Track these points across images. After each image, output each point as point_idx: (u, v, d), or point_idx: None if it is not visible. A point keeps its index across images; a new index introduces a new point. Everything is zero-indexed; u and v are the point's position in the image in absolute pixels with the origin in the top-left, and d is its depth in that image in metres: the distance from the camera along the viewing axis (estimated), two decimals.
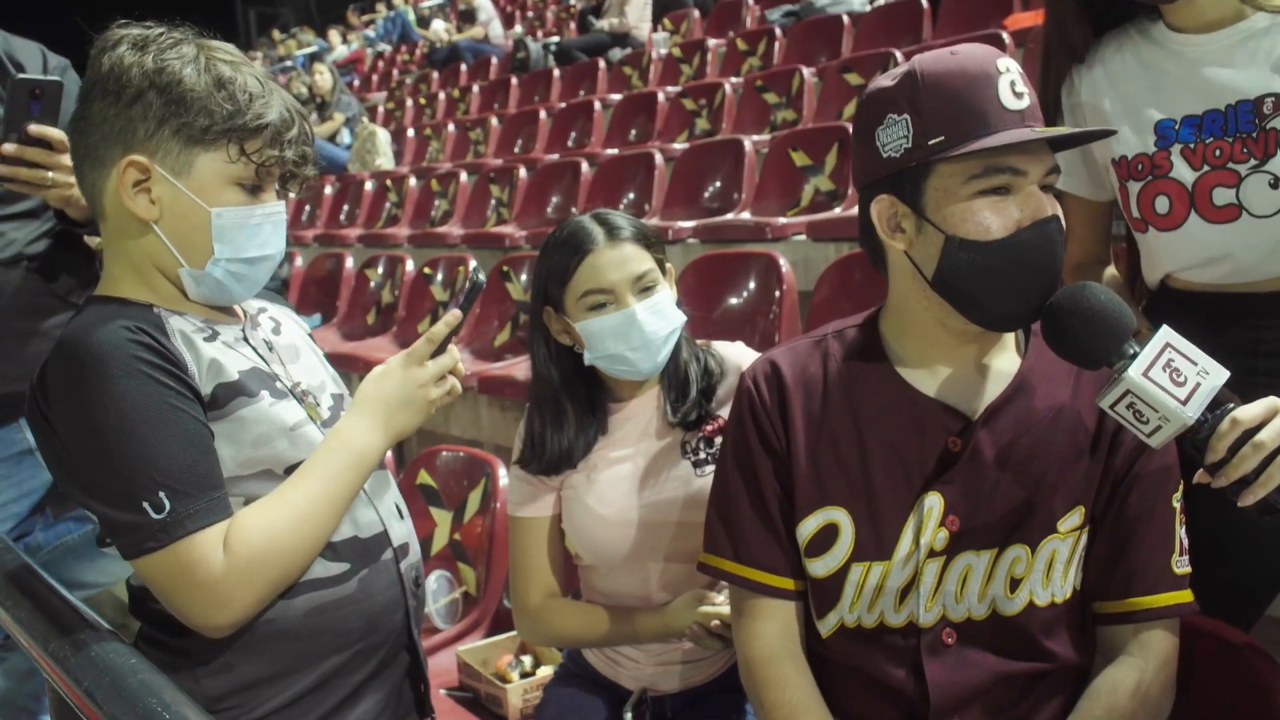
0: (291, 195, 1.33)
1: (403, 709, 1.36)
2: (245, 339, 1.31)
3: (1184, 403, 1.07)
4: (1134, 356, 1.10)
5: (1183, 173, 1.43)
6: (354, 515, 1.29)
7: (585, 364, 1.60)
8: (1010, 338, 1.29)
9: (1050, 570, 1.23)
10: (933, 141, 1.15)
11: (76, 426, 1.15)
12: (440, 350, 1.32)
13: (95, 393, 1.13)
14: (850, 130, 1.34)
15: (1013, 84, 1.16)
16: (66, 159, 1.68)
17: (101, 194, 1.25)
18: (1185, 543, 1.26)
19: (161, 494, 1.13)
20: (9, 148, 1.68)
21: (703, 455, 1.61)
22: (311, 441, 1.28)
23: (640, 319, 1.54)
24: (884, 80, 1.23)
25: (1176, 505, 1.25)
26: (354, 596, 1.27)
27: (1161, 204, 1.46)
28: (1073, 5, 1.53)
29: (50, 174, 1.71)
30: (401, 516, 1.39)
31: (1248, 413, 1.09)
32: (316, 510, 1.22)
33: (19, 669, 2.08)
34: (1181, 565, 1.25)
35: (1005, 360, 1.28)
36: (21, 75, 1.72)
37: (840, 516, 1.27)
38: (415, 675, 1.39)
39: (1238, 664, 1.28)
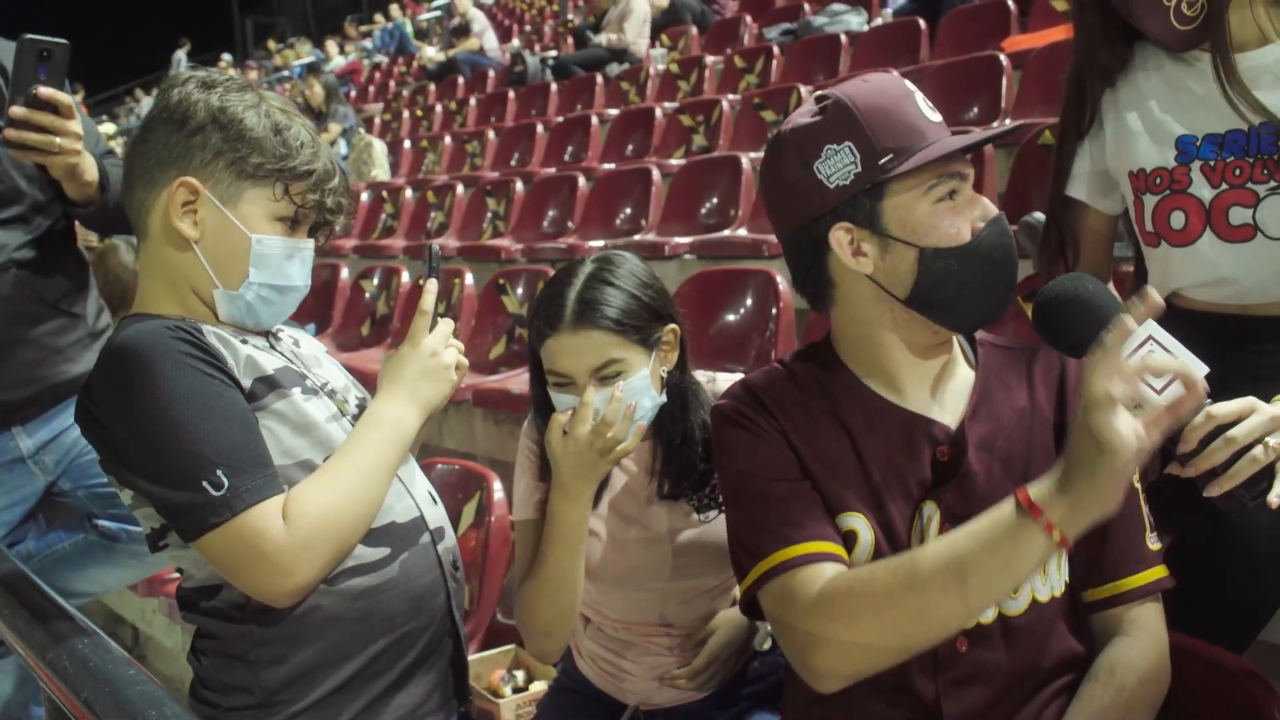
0: (319, 242, 1.43)
1: (447, 694, 1.42)
2: (271, 346, 1.39)
3: (1159, 392, 1.09)
4: None
5: (1201, 189, 1.44)
6: (389, 501, 1.34)
7: None
8: (959, 351, 1.33)
9: (1045, 565, 1.25)
10: (883, 161, 1.19)
11: (129, 419, 1.22)
12: (434, 323, 1.40)
13: (145, 386, 1.21)
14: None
15: (925, 100, 1.23)
16: (74, 125, 1.66)
17: (148, 213, 1.34)
18: (1152, 520, 1.29)
19: (219, 472, 1.19)
20: (17, 110, 1.61)
21: (704, 500, 1.56)
22: (346, 433, 1.35)
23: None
24: (801, 119, 1.25)
25: (1138, 485, 1.28)
26: (397, 580, 1.34)
27: (1177, 219, 1.47)
28: (1100, 29, 1.52)
29: (58, 139, 1.64)
30: (435, 502, 1.45)
31: (1223, 408, 1.12)
32: (363, 481, 1.29)
33: (14, 676, 2.06)
34: (1154, 541, 1.28)
35: (961, 371, 1.32)
36: (30, 35, 1.62)
37: (858, 522, 1.25)
38: (458, 662, 1.44)
39: (1234, 690, 1.28)
